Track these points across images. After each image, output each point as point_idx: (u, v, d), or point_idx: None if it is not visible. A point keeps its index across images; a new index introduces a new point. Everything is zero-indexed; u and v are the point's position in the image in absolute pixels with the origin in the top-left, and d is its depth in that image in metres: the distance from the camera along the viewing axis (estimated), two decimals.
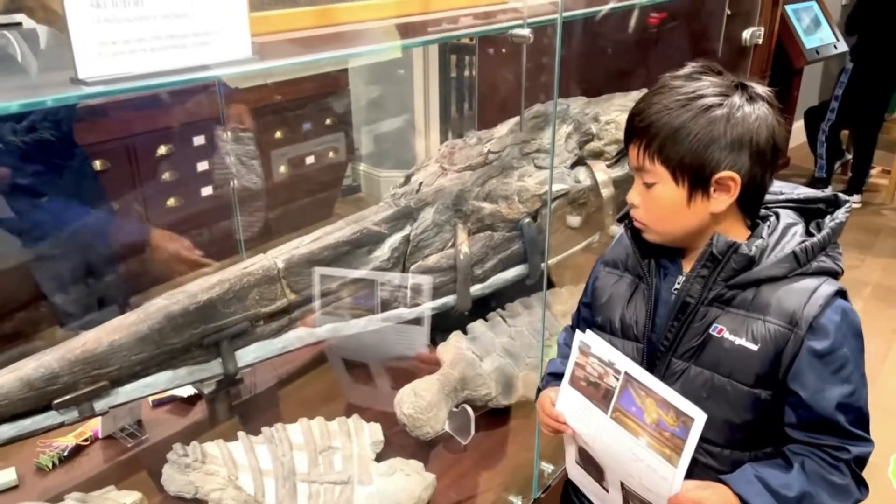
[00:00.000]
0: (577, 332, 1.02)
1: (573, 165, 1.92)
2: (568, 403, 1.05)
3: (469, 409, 1.58)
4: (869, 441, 0.94)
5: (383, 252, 1.67)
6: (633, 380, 0.95)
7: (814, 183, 4.36)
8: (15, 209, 2.15)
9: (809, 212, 1.02)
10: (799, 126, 4.72)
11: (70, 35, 0.72)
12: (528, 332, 1.77)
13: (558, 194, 1.82)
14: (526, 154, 1.91)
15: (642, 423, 0.94)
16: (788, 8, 4.29)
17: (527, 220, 1.77)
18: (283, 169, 3.38)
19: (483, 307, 1.82)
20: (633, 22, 2.59)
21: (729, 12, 2.51)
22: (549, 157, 1.80)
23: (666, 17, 2.81)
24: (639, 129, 0.95)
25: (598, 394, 1.00)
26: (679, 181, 0.94)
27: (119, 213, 2.50)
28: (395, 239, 1.69)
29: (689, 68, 0.98)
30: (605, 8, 1.64)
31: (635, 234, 1.04)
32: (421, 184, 1.86)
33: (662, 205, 0.96)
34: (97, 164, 2.55)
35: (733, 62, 2.32)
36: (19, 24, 1.14)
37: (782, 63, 4.23)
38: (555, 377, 1.14)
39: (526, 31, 1.26)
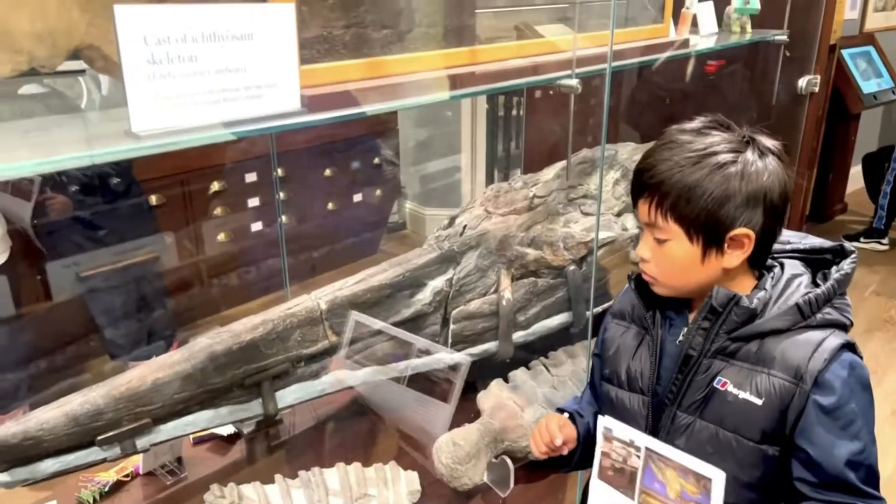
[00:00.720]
0: (600, 417, 1.02)
1: (620, 213, 1.89)
2: (598, 501, 1.03)
3: (509, 461, 1.54)
4: (880, 499, 0.91)
5: (425, 295, 1.66)
6: (651, 453, 0.94)
7: (871, 233, 4.22)
8: (72, 241, 2.23)
9: (816, 262, 1.00)
10: (856, 171, 4.59)
11: (126, 90, 0.74)
12: (572, 382, 1.73)
13: (604, 242, 1.79)
14: (572, 200, 1.89)
15: (667, 499, 0.92)
16: (845, 52, 4.20)
17: (572, 267, 1.74)
18: (331, 206, 3.44)
19: (525, 354, 1.79)
20: (689, 68, 2.57)
21: (787, 53, 2.47)
22: (596, 204, 1.78)
23: (723, 64, 2.78)
24: (650, 186, 0.94)
25: (624, 479, 0.99)
26: (693, 239, 0.93)
27: (171, 248, 2.57)
28: (437, 282, 1.68)
29: (698, 122, 0.97)
30: (658, 57, 1.63)
31: (640, 284, 1.03)
32: (465, 227, 1.85)
33: (675, 261, 0.95)
34: (153, 199, 2.63)
35: (789, 108, 2.27)
36: (83, 71, 1.18)
37: (839, 107, 4.13)
38: (560, 411, 1.18)
39: (574, 82, 1.26)
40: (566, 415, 1.15)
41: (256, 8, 0.85)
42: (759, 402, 0.91)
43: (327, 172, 3.35)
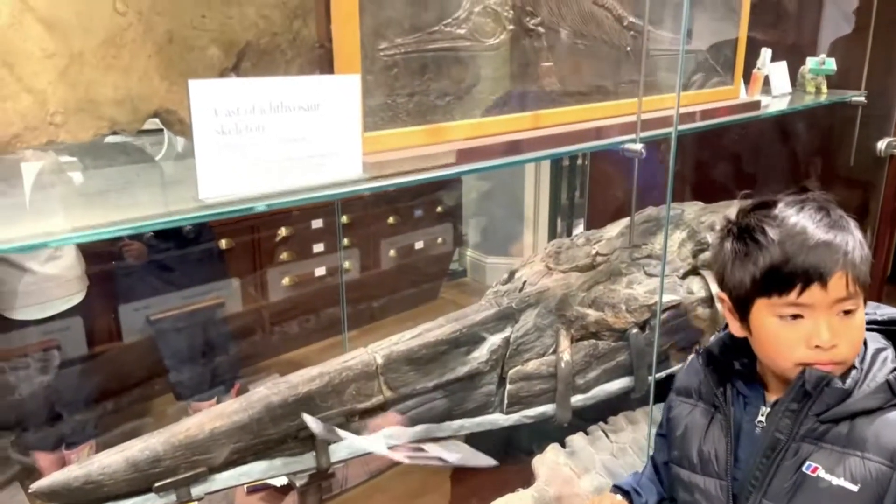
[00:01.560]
0: None
1: (686, 275, 1.84)
2: None
3: None
4: None
5: (482, 353, 1.64)
6: None
7: None
8: (145, 283, 2.31)
9: (893, 333, 0.97)
10: None
11: (196, 160, 0.77)
12: (632, 449, 1.67)
13: (669, 305, 1.74)
14: (636, 259, 1.85)
15: None
16: None
17: (634, 330, 1.70)
18: (392, 253, 3.48)
19: (584, 419, 1.74)
20: (761, 129, 2.50)
21: (863, 102, 2.38)
22: (661, 265, 1.73)
23: (797, 125, 2.70)
24: (846, 260, 0.90)
25: None
26: (865, 301, 0.92)
27: (237, 291, 2.63)
28: (494, 340, 1.66)
29: (820, 196, 0.96)
30: (727, 120, 1.60)
31: (711, 359, 0.99)
32: (525, 282, 1.84)
33: (861, 328, 0.93)
34: (223, 244, 2.72)
35: (868, 170, 2.18)
36: (161, 130, 1.24)
37: None
38: (617, 489, 1.14)
39: (638, 147, 1.24)
40: (620, 497, 1.10)
41: (324, 79, 0.88)
42: (854, 488, 0.86)
43: (390, 220, 3.40)
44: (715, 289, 1.82)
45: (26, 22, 0.85)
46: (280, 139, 0.84)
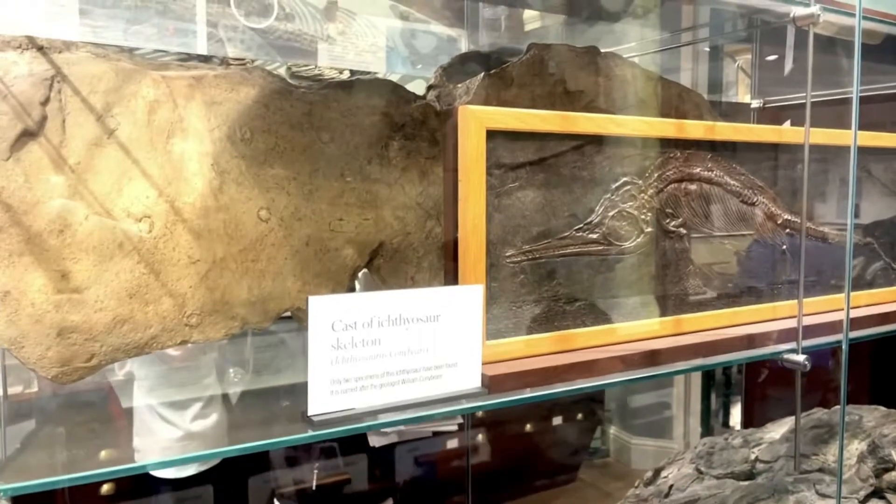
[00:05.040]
0: None
1: (867, 498, 1.55)
2: None
3: None
4: None
5: None
6: None
7: None
8: (276, 453, 2.32)
9: None
10: None
11: (309, 374, 0.75)
12: None
13: None
14: (804, 472, 1.60)
15: None
16: None
17: None
18: (528, 427, 3.32)
19: None
20: None
21: None
22: (836, 484, 1.48)
23: None
24: None
25: None
26: None
27: (363, 468, 2.58)
28: None
29: None
30: None
31: None
32: (671, 486, 1.64)
33: None
34: None
35: None
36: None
37: None
38: None
39: (801, 358, 1.10)
40: None
41: (445, 291, 0.86)
42: None
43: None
44: None
45: (177, 232, 0.91)
46: (396, 352, 0.82)
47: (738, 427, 3.04)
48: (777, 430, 1.77)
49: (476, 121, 0.91)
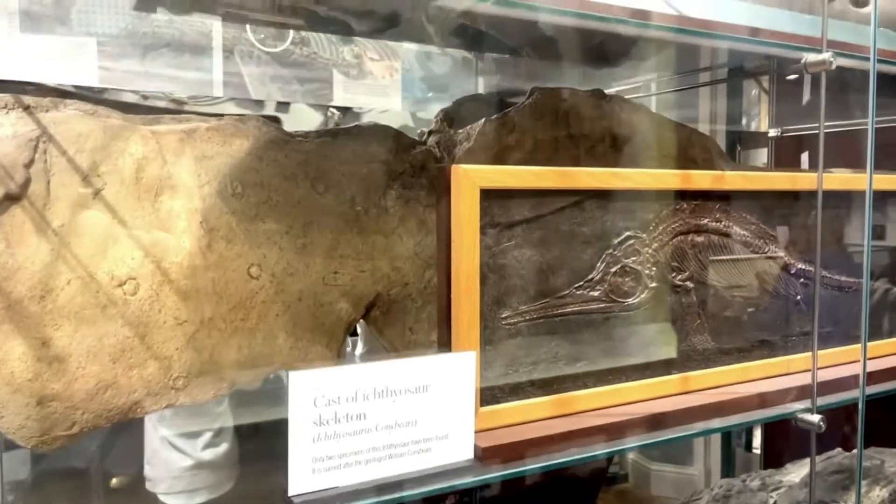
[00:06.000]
0: None
1: None
2: None
3: None
4: None
5: None
6: None
7: None
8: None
9: None
10: None
11: (289, 453, 0.72)
12: None
13: None
14: None
15: None
16: None
17: None
18: None
19: None
20: None
21: None
22: None
23: None
24: None
25: None
26: None
27: None
28: None
29: None
30: None
31: None
32: None
33: None
34: None
35: None
36: None
37: None
38: None
39: (815, 418, 1.05)
40: None
41: (435, 359, 0.82)
42: None
43: None
44: None
45: (163, 293, 0.89)
46: (383, 426, 0.79)
47: (758, 450, 2.96)
48: (796, 473, 1.71)
49: (469, 180, 0.88)
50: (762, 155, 2.10)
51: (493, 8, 1.06)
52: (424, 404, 0.81)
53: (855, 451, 1.70)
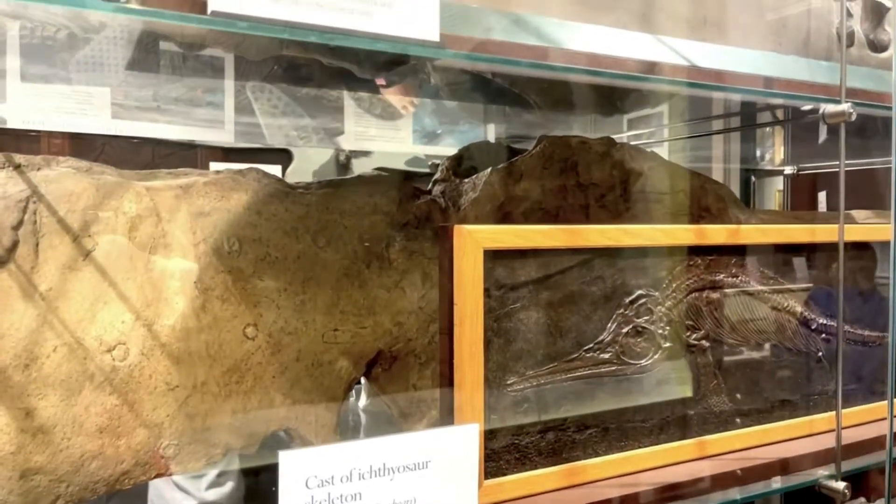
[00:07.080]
0: None
1: None
2: None
3: None
4: None
5: None
6: None
7: None
8: None
9: None
10: None
11: None
12: None
13: None
14: None
15: None
16: None
17: None
18: None
19: None
20: None
21: None
22: None
23: None
24: None
25: None
26: None
27: None
28: None
29: None
30: None
31: None
32: None
33: None
34: None
35: None
36: None
37: None
38: None
39: (840, 486, 0.99)
40: None
41: (435, 433, 0.78)
42: None
43: None
44: None
45: (154, 358, 0.86)
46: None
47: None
48: None
49: (472, 241, 0.84)
50: (777, 194, 2.05)
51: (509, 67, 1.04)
52: (424, 481, 0.77)
53: (879, 501, 1.63)
